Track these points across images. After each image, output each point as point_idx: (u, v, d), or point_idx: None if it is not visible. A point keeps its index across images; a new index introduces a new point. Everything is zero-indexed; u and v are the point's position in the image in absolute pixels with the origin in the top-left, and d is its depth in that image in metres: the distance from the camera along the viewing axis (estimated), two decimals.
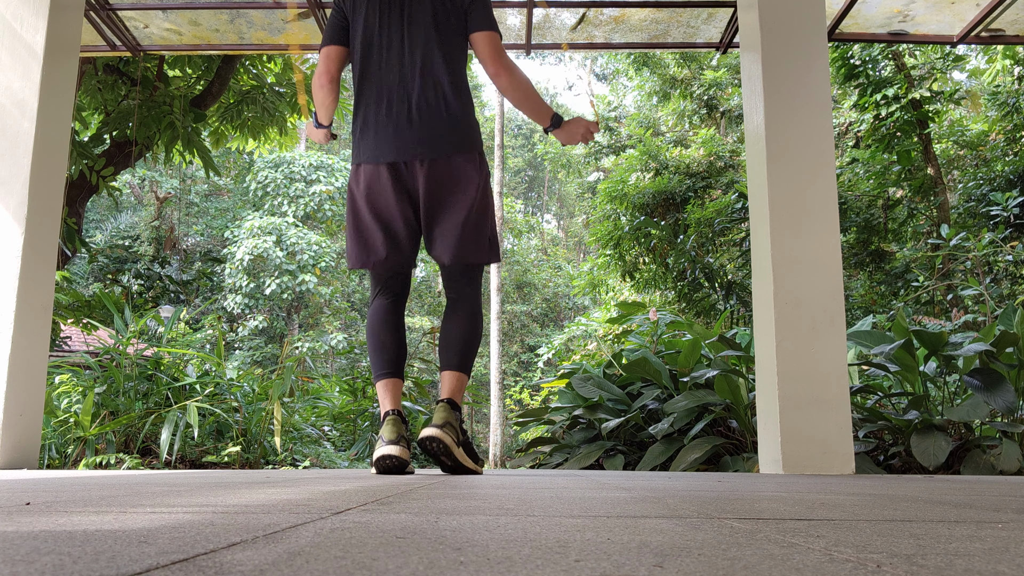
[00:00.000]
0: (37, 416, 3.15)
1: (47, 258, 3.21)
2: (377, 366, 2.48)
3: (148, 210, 21.39)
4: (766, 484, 1.96)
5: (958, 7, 4.04)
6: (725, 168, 12.37)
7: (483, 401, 18.81)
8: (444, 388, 2.44)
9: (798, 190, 3.13)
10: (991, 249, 7.62)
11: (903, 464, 3.85)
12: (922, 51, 10.62)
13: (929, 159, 10.21)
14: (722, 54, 4.98)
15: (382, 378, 2.46)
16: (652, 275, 11.62)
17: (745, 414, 4.12)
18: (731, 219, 10.32)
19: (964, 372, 3.93)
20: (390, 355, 2.47)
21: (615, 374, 5.46)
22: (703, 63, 14.04)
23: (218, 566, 0.53)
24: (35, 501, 1.10)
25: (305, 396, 6.37)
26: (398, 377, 2.48)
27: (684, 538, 0.73)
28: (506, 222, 24.91)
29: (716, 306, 10.69)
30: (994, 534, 0.81)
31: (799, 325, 3.02)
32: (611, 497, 1.34)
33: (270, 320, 21.68)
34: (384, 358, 2.47)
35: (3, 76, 3.18)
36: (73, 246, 5.80)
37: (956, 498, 1.44)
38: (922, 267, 9.66)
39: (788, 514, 1.03)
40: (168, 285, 15.32)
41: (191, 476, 2.30)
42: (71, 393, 4.33)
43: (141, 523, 0.80)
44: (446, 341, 2.47)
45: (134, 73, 6.17)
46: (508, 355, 25.99)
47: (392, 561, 0.57)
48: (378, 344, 2.49)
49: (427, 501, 1.19)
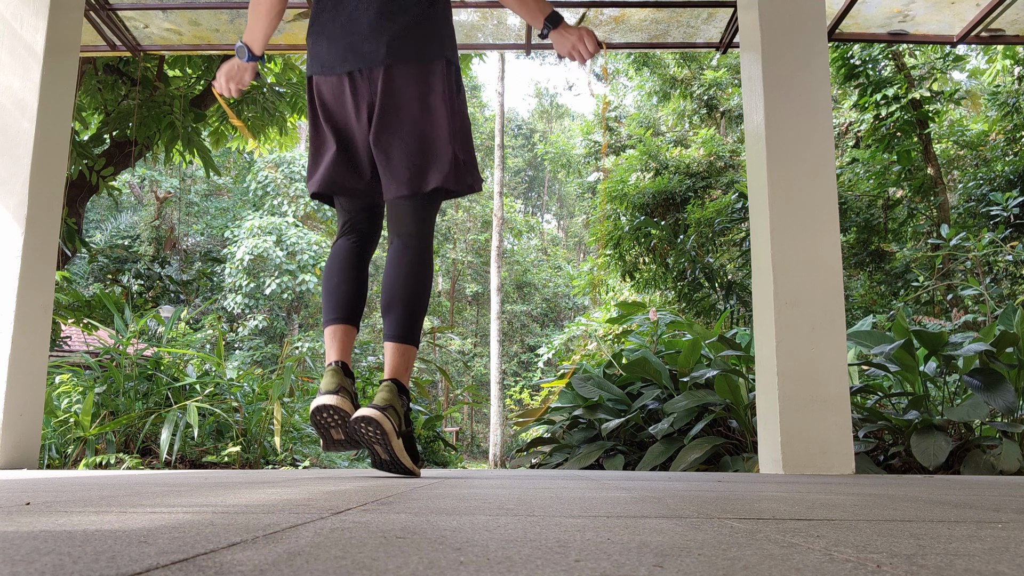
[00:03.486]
0: (37, 416, 3.15)
1: (47, 258, 3.21)
2: (327, 310, 2.14)
3: (148, 210, 21.39)
4: (766, 484, 1.96)
5: (958, 7, 4.04)
6: (725, 168, 12.38)
7: (483, 401, 18.81)
8: (388, 364, 2.04)
9: (798, 190, 3.13)
10: (991, 249, 7.62)
11: (903, 464, 3.85)
12: (922, 51, 10.62)
13: (929, 159, 10.21)
14: (722, 54, 4.98)
15: (330, 323, 2.12)
16: (652, 275, 11.62)
17: (745, 414, 4.12)
18: (731, 219, 10.32)
19: (964, 372, 3.93)
20: (343, 299, 2.13)
21: (615, 374, 5.46)
22: (703, 63, 14.04)
23: (218, 566, 0.53)
24: (35, 501, 1.10)
25: (305, 396, 6.37)
26: (350, 325, 2.13)
27: (684, 538, 0.73)
28: (506, 222, 24.91)
29: (716, 306, 10.69)
30: (994, 534, 0.81)
31: (799, 325, 3.02)
32: (611, 497, 1.34)
33: (270, 320, 21.68)
34: (335, 302, 2.13)
35: (3, 76, 3.18)
36: (73, 246, 5.80)
37: (956, 498, 1.44)
38: (922, 267, 9.66)
39: (788, 514, 1.03)
40: (168, 285, 15.33)
41: (191, 476, 2.30)
42: (71, 393, 4.33)
43: (141, 523, 0.80)
44: (388, 301, 2.06)
45: (134, 73, 6.17)
46: (508, 355, 25.98)
47: (392, 561, 0.57)
48: (331, 287, 2.16)
49: (427, 501, 1.19)
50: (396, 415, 1.94)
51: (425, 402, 7.47)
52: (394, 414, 1.93)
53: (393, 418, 1.92)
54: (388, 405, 1.92)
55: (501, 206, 17.87)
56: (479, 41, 4.64)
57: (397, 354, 2.02)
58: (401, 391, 2.00)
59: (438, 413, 7.23)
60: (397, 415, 1.94)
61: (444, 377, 7.91)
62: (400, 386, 2.00)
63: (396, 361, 2.02)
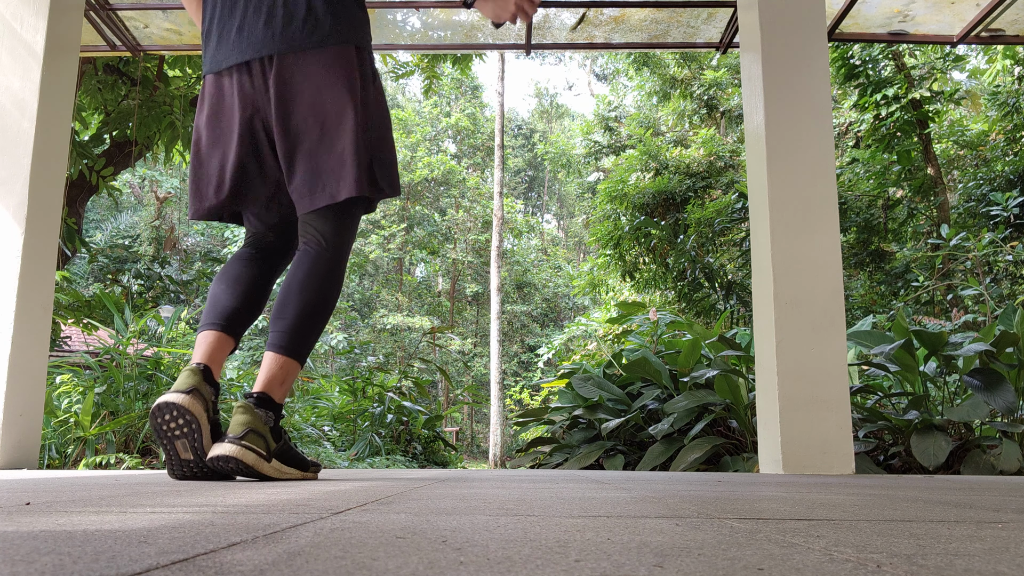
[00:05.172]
0: (37, 416, 3.15)
1: (47, 258, 3.21)
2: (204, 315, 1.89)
3: (148, 210, 21.39)
4: (766, 484, 1.96)
5: (958, 7, 4.04)
6: (725, 168, 12.38)
7: (483, 401, 18.81)
8: (260, 375, 1.79)
9: (798, 190, 3.13)
10: (991, 249, 7.62)
11: (903, 464, 3.85)
12: (922, 51, 10.62)
13: (929, 159, 10.21)
14: (722, 54, 4.98)
15: (203, 328, 1.85)
16: (652, 275, 11.63)
17: (745, 414, 4.12)
18: (731, 219, 10.33)
19: (964, 372, 3.93)
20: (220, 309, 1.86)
21: (615, 374, 5.46)
22: (703, 63, 14.04)
23: (218, 566, 0.53)
24: (35, 501, 1.10)
25: (305, 396, 6.38)
26: (225, 335, 1.85)
27: (684, 538, 0.73)
28: (506, 222, 24.92)
29: (716, 306, 10.70)
30: (994, 534, 0.81)
31: (799, 325, 3.02)
32: (611, 497, 1.34)
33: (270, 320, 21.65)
34: (212, 309, 1.87)
35: (3, 76, 3.18)
36: (73, 246, 5.80)
37: (956, 498, 1.44)
38: (922, 267, 9.66)
39: (788, 514, 1.03)
40: (168, 285, 15.33)
41: None
42: (71, 393, 4.33)
43: (141, 523, 0.80)
44: (279, 308, 1.81)
45: (134, 73, 6.18)
46: (508, 355, 25.99)
47: (392, 561, 0.57)
48: (212, 294, 1.90)
49: (427, 501, 1.19)
50: (259, 438, 1.70)
51: (425, 402, 7.47)
52: (256, 438, 1.69)
53: (256, 444, 1.69)
54: (246, 431, 1.68)
55: (501, 206, 17.88)
56: (479, 41, 4.64)
57: (275, 366, 1.77)
58: (266, 405, 1.75)
59: (438, 413, 7.24)
60: (260, 437, 1.71)
61: (444, 377, 7.91)
62: (266, 400, 1.75)
63: (271, 373, 1.77)
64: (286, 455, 1.80)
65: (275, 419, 1.76)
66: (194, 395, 1.70)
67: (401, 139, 25.70)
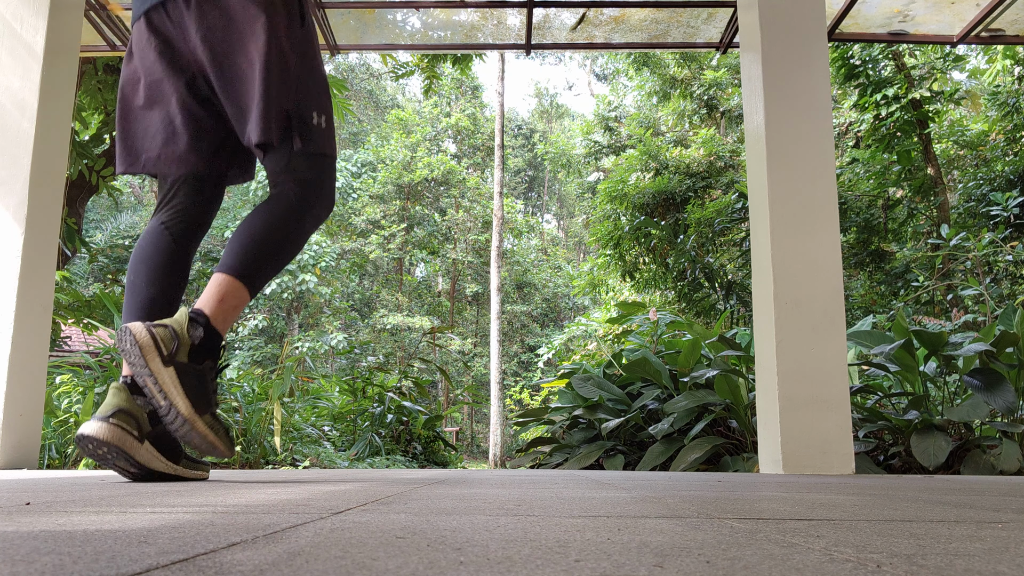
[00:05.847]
0: (37, 416, 3.15)
1: (47, 258, 3.21)
2: (124, 311, 1.76)
3: (148, 210, 21.40)
4: (766, 484, 1.96)
5: (958, 7, 4.04)
6: (725, 168, 12.38)
7: (483, 401, 18.81)
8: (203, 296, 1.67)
9: (798, 190, 3.13)
10: (991, 249, 7.62)
11: (903, 464, 3.85)
12: (922, 51, 10.62)
13: (929, 159, 10.21)
14: (722, 54, 4.98)
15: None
16: (652, 275, 11.63)
17: (745, 414, 4.12)
18: (731, 219, 10.33)
19: (964, 372, 3.93)
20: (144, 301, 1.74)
21: (615, 374, 5.46)
22: (703, 63, 14.04)
23: (218, 566, 0.53)
24: (35, 501, 1.10)
25: (305, 396, 6.37)
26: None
27: (684, 538, 0.73)
28: (506, 222, 24.93)
29: (716, 306, 10.70)
30: (994, 534, 0.81)
31: (799, 325, 3.02)
32: (611, 497, 1.34)
33: (270, 320, 21.68)
34: (134, 303, 1.74)
35: (3, 76, 3.18)
36: (73, 246, 5.80)
37: (956, 498, 1.44)
38: (922, 267, 9.66)
39: (788, 514, 1.03)
40: None
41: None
42: (71, 393, 4.33)
43: (141, 523, 0.80)
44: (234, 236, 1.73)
45: None
46: (508, 355, 25.99)
47: (392, 561, 0.57)
48: (132, 284, 1.77)
49: (427, 501, 1.19)
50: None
51: (425, 402, 7.47)
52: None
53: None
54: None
55: (501, 206, 17.88)
56: (479, 41, 4.64)
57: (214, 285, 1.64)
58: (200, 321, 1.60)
59: (438, 413, 7.23)
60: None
61: (444, 377, 7.91)
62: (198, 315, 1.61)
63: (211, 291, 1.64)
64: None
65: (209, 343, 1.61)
66: (115, 420, 1.59)
67: (401, 139, 25.70)
